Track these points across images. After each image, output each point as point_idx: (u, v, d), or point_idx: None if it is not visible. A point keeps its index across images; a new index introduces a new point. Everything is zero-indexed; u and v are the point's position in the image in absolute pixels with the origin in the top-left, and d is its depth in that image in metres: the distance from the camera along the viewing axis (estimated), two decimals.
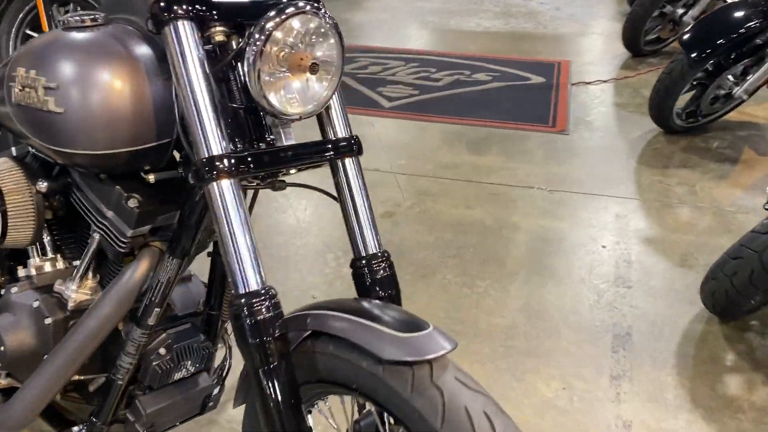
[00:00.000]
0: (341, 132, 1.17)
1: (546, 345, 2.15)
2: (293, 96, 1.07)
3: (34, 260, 1.37)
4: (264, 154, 1.06)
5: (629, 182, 3.20)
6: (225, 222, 1.01)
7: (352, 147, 1.17)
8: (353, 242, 1.18)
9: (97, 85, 1.11)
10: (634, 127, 3.79)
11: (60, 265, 1.37)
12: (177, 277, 1.25)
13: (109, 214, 1.23)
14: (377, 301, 1.11)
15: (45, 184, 1.28)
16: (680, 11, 4.59)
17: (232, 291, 1.03)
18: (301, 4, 1.04)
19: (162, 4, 1.00)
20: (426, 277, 2.47)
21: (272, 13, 1.02)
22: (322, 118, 1.17)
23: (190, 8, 1.02)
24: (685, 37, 3.34)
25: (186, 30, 1.02)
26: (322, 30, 1.06)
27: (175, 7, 1.01)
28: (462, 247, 2.65)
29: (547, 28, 5.67)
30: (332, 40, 1.08)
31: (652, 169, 3.34)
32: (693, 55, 3.25)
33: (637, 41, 4.71)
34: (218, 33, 1.06)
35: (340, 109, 1.18)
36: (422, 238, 2.71)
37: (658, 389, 1.98)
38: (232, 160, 1.01)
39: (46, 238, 1.37)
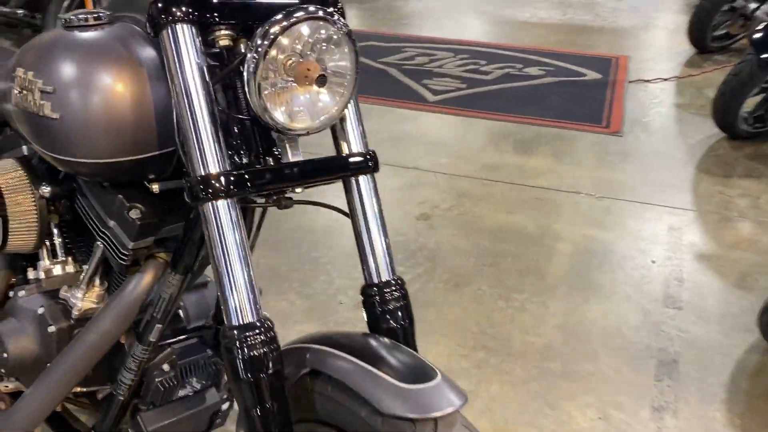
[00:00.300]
0: (356, 146, 1.07)
1: (584, 368, 2.01)
2: (300, 109, 0.97)
3: (44, 263, 1.31)
4: (266, 172, 0.97)
5: (686, 191, 3.00)
6: (219, 245, 0.92)
7: (368, 163, 1.06)
8: (365, 267, 1.08)
9: (95, 89, 1.03)
10: (694, 131, 3.56)
11: (70, 268, 1.31)
12: (180, 294, 1.17)
13: (111, 223, 1.17)
14: (385, 340, 1.01)
15: (48, 188, 1.22)
16: (752, 6, 4.29)
17: (224, 321, 0.94)
18: (312, 8, 0.94)
19: (159, 5, 0.91)
20: (459, 286, 2.34)
21: (279, 17, 0.92)
22: (336, 130, 1.07)
23: (189, 10, 0.92)
24: (757, 35, 3.09)
25: (185, 34, 0.92)
26: (335, 38, 0.96)
27: (174, 9, 0.91)
28: (500, 256, 2.52)
29: (607, 21, 5.40)
30: (345, 50, 0.97)
31: (713, 177, 3.11)
32: (764, 56, 3.01)
33: (703, 37, 4.43)
34: (223, 37, 0.97)
35: (356, 121, 1.07)
36: (458, 243, 2.58)
37: (705, 426, 1.81)
38: (230, 179, 0.92)
39: (57, 240, 1.31)
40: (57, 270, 1.30)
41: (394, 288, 1.08)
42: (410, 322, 1.10)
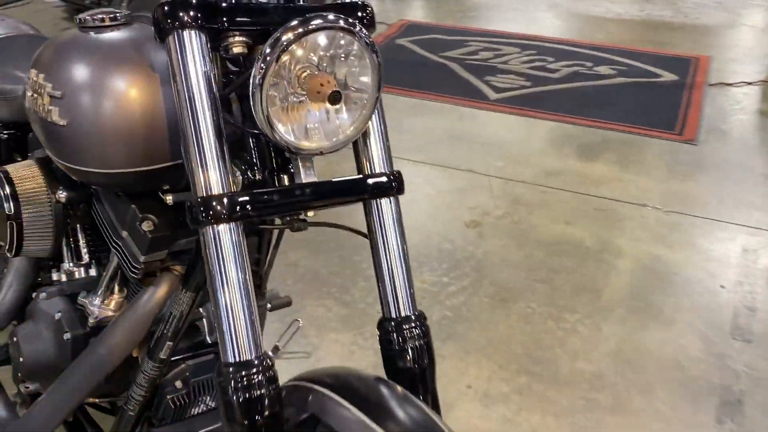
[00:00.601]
0: (380, 166, 0.96)
1: (636, 403, 1.85)
2: (314, 126, 0.87)
3: (67, 264, 1.27)
4: (274, 194, 0.88)
5: (765, 210, 2.75)
6: (219, 274, 0.84)
7: (392, 185, 0.96)
8: (383, 299, 0.98)
9: (105, 96, 0.96)
10: None
11: (93, 272, 1.27)
12: (191, 312, 1.11)
13: (124, 234, 1.11)
14: (398, 389, 0.90)
15: (65, 194, 1.17)
16: None
17: (220, 357, 0.86)
18: (332, 16, 0.84)
19: (166, 9, 0.83)
20: (507, 302, 2.21)
21: (293, 23, 0.82)
22: (358, 147, 0.96)
23: (198, 15, 0.84)
24: None
25: (192, 41, 0.84)
26: (355, 51, 0.85)
27: (181, 14, 0.83)
28: (553, 271, 2.36)
29: (688, 17, 5.07)
30: (367, 64, 0.86)
31: None
32: None
33: None
34: (237, 44, 0.88)
35: (380, 138, 0.96)
36: (509, 255, 2.44)
37: None
38: (234, 201, 0.84)
39: (81, 241, 1.27)
40: (79, 273, 1.26)
41: (414, 324, 0.97)
42: (430, 362, 0.99)
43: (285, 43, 0.80)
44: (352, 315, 2.12)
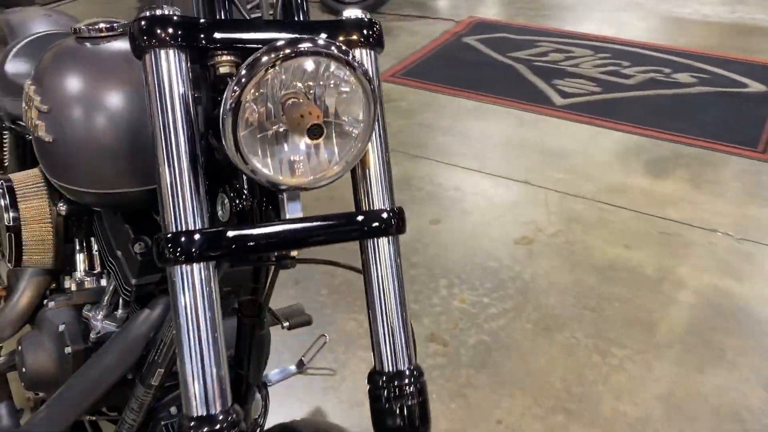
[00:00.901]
0: (379, 201, 0.86)
1: None
2: (297, 159, 0.77)
3: (79, 273, 1.24)
4: (253, 231, 0.79)
5: None
6: (185, 320, 0.76)
7: (391, 222, 0.85)
8: (375, 348, 0.88)
9: (93, 112, 0.91)
10: None
11: (104, 282, 1.23)
12: None
13: (118, 253, 1.06)
14: None
15: (65, 207, 1.13)
16: None
17: (183, 410, 0.78)
18: (322, 41, 0.74)
19: (143, 24, 0.75)
20: (550, 330, 2.06)
21: (277, 45, 0.72)
22: (356, 179, 0.86)
23: (178, 33, 0.75)
24: None
25: (170, 62, 0.76)
26: (346, 80, 0.75)
27: (159, 31, 0.75)
28: (605, 299, 2.19)
29: None
30: (359, 95, 0.76)
31: None
32: None
33: None
34: (223, 63, 0.79)
35: (382, 170, 0.86)
36: (558, 278, 2.28)
37: None
38: (205, 239, 0.75)
39: (95, 248, 1.23)
40: (90, 283, 1.23)
41: (409, 380, 0.87)
42: (424, 423, 0.88)
43: (263, 67, 0.71)
44: None
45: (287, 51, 0.72)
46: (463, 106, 3.42)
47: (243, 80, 0.71)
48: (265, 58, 0.72)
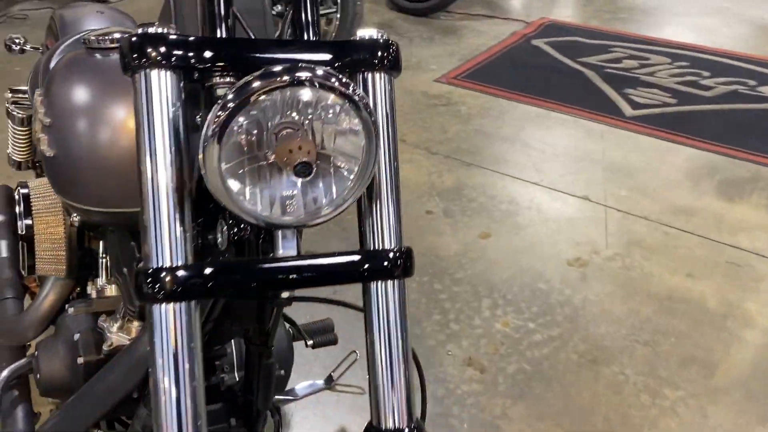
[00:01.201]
0: (388, 241, 0.79)
1: None
2: (289, 195, 0.71)
3: (101, 279, 1.22)
4: (241, 269, 0.74)
5: None
6: (162, 362, 0.71)
7: (397, 264, 0.78)
8: (373, 400, 0.81)
9: (96, 127, 0.87)
10: None
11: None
12: None
13: (124, 270, 1.02)
14: None
15: (78, 217, 1.10)
16: None
17: None
18: (321, 71, 0.67)
19: (134, 40, 0.70)
20: (597, 363, 1.93)
21: (271, 71, 0.66)
22: (362, 213, 0.79)
23: (172, 53, 0.70)
24: None
25: (160, 84, 0.70)
26: (345, 114, 0.67)
27: (150, 50, 0.69)
28: (661, 333, 2.04)
29: None
30: (360, 131, 0.68)
31: None
32: None
33: None
34: (222, 85, 0.73)
35: (390, 206, 0.79)
36: (611, 306, 2.14)
37: None
38: (188, 277, 0.70)
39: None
40: (110, 290, 1.20)
41: None
42: None
43: (252, 93, 0.65)
44: (419, 352, 1.92)
45: (282, 79, 0.65)
46: (525, 113, 3.28)
47: (229, 105, 0.65)
48: (256, 84, 0.65)
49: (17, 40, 1.67)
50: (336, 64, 0.73)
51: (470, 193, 2.67)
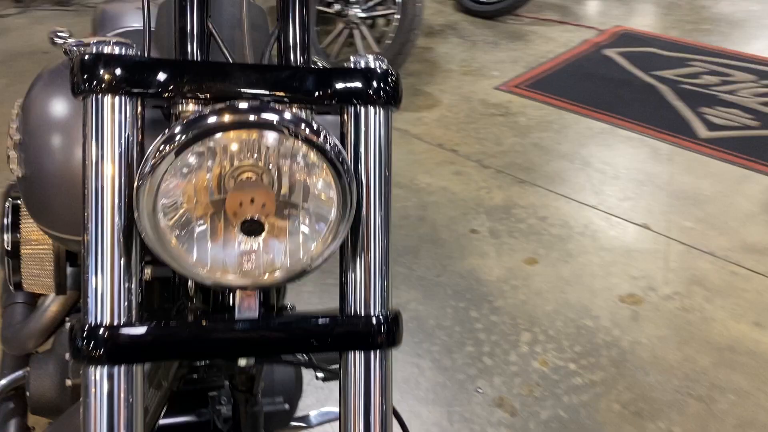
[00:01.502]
0: (372, 303, 0.67)
1: None
2: (248, 250, 0.60)
3: None
4: (191, 332, 0.64)
5: None
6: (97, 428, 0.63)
7: (380, 332, 0.67)
8: None
9: (64, 151, 0.78)
10: None
11: None
12: (162, 411, 0.92)
13: None
14: None
15: None
16: None
17: None
18: (289, 114, 0.56)
19: (86, 60, 0.61)
20: (641, 417, 1.74)
21: (238, 106, 0.56)
22: (344, 268, 0.68)
23: (127, 78, 0.60)
24: None
25: (114, 109, 0.61)
26: (310, 163, 0.56)
27: (103, 73, 0.61)
28: (718, 388, 1.83)
29: None
30: (330, 182, 0.57)
31: None
32: None
33: None
34: (186, 114, 0.63)
35: (376, 264, 0.67)
36: (664, 352, 1.94)
37: None
38: (128, 338, 0.62)
39: None
40: None
41: None
42: None
43: (201, 131, 0.54)
44: (447, 386, 1.81)
45: (243, 118, 0.54)
46: (589, 128, 3.07)
47: (176, 139, 0.55)
48: (211, 120, 0.55)
49: (60, 34, 1.62)
50: (321, 96, 0.62)
51: (520, 213, 2.50)
